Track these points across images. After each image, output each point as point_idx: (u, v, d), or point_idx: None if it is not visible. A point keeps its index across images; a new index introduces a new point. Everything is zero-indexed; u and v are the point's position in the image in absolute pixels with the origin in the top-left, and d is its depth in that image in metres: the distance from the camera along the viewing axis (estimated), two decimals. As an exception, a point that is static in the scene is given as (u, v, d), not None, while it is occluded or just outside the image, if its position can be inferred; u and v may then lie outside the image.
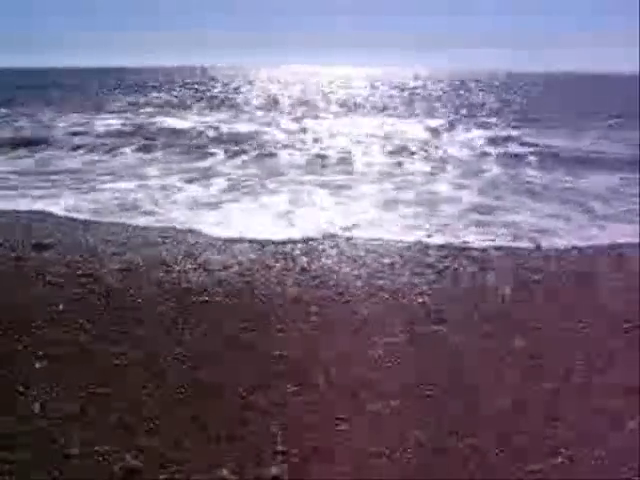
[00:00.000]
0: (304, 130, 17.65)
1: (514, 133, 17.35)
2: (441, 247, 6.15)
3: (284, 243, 6.20)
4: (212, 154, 13.26)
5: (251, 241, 6.25)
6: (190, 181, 10.04)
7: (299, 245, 6.13)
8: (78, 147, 13.94)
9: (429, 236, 6.61)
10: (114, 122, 18.65)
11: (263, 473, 2.58)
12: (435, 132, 17.80)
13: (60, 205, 7.94)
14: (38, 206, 7.83)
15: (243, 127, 17.97)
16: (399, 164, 12.41)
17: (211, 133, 16.56)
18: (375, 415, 3.04)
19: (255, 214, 7.67)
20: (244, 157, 13.04)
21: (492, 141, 15.60)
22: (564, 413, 3.08)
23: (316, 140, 15.58)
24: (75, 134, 16.00)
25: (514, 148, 14.48)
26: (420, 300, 4.60)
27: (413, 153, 13.77)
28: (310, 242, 6.24)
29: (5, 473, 2.54)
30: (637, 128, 17.13)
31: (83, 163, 12.16)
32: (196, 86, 50.24)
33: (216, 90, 44.09)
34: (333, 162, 12.50)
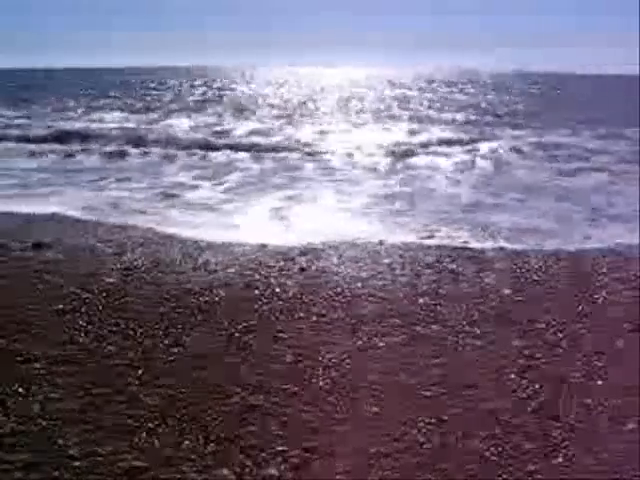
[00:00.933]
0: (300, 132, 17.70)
1: (510, 132, 17.40)
2: (437, 248, 6.16)
3: (279, 245, 6.20)
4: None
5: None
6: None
7: (296, 244, 6.14)
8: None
9: (428, 237, 6.61)
10: (112, 125, 18.61)
11: (263, 473, 2.58)
12: (431, 131, 17.88)
13: (64, 205, 7.97)
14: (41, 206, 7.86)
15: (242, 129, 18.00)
16: (395, 162, 12.54)
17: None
18: (374, 416, 3.04)
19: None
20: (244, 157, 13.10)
21: (486, 141, 15.65)
22: (563, 414, 3.08)
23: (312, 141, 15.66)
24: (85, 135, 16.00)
25: (510, 147, 14.51)
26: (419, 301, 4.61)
27: (407, 152, 13.86)
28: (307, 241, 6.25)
29: (5, 474, 2.54)
30: (637, 128, 17.13)
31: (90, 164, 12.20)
32: (201, 87, 50.10)
33: (217, 91, 44.06)
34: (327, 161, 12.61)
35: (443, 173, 11.42)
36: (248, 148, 14.14)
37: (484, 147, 14.53)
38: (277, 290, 4.77)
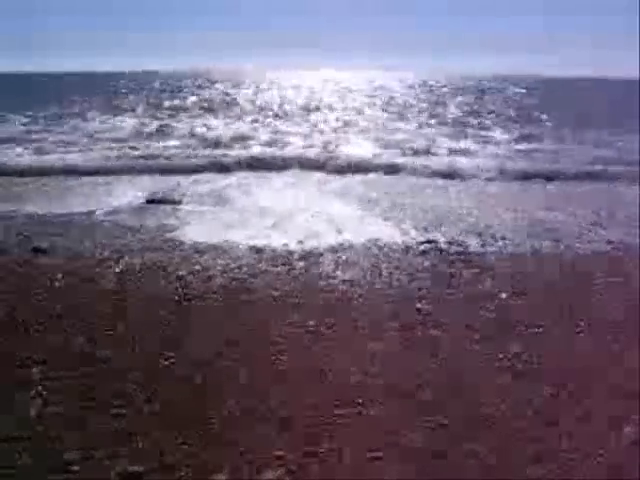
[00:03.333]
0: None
1: (505, 136, 17.40)
2: (435, 250, 6.15)
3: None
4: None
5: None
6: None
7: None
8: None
9: (426, 241, 6.60)
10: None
11: (260, 478, 2.57)
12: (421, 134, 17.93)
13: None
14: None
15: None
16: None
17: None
18: (373, 420, 3.03)
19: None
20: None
21: (480, 143, 15.64)
22: (563, 417, 3.08)
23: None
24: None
25: (506, 151, 14.49)
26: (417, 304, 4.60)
27: (404, 152, 13.87)
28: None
29: (4, 478, 2.54)
30: (637, 131, 17.09)
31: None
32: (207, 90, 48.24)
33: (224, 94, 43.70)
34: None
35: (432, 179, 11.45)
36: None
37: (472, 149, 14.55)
38: (275, 294, 4.77)
